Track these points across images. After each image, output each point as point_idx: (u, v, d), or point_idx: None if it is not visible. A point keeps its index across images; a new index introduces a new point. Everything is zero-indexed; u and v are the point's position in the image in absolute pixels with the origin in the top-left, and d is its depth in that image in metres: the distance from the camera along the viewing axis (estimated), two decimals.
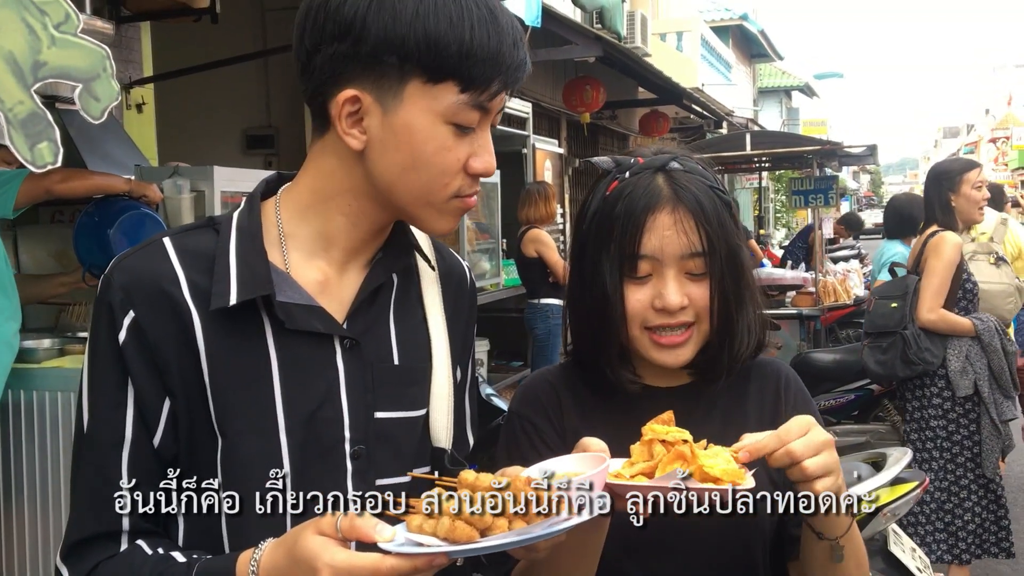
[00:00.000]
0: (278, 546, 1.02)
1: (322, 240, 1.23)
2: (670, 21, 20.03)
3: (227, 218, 1.24)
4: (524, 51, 1.18)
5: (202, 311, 1.16)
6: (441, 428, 1.30)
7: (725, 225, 1.37)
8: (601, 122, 13.28)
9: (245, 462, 1.16)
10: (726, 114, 16.45)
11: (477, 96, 1.14)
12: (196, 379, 1.16)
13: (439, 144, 1.14)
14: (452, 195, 1.18)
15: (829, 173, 9.98)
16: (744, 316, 1.40)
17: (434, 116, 1.14)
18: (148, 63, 6.14)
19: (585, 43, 8.81)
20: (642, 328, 1.38)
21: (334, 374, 1.20)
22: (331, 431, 1.19)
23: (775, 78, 35.36)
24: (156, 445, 1.17)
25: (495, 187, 7.54)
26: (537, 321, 6.92)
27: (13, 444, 3.74)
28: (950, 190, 4.65)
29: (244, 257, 1.18)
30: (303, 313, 1.18)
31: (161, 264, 1.18)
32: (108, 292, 1.17)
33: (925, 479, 3.21)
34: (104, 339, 1.17)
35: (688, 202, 1.35)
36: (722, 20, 26.45)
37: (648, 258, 1.35)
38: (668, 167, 1.39)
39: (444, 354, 1.32)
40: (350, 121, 1.16)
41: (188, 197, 4.18)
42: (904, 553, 3.23)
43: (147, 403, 1.16)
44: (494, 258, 7.75)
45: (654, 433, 1.18)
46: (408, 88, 1.13)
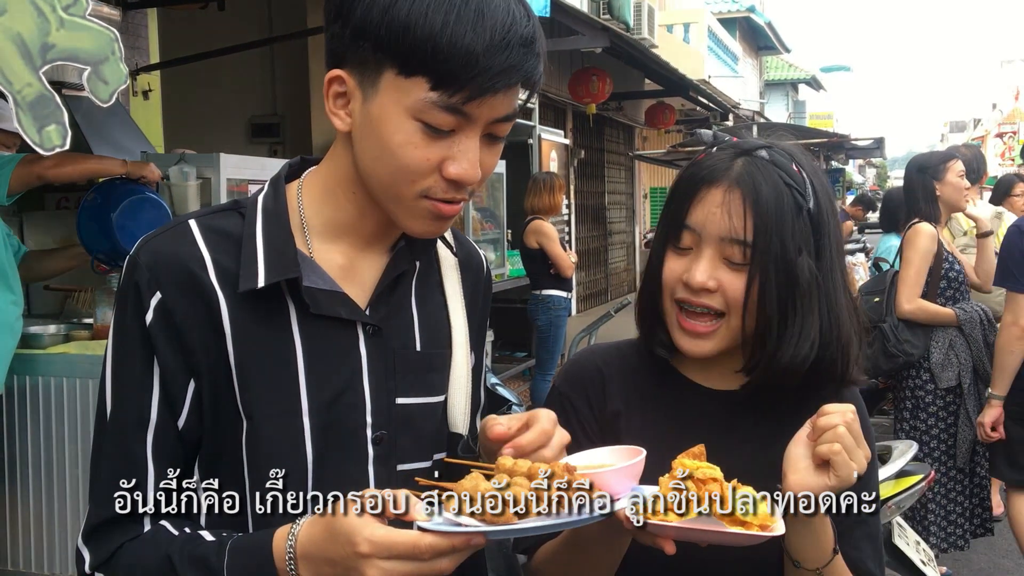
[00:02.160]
0: (316, 522, 1.02)
1: (337, 227, 1.23)
2: (677, 12, 19.97)
3: (252, 201, 1.24)
4: (524, 57, 1.09)
5: (228, 293, 1.16)
6: (459, 413, 1.30)
7: (784, 224, 1.29)
8: (607, 113, 13.27)
9: (269, 444, 1.16)
10: (732, 106, 16.41)
11: (447, 97, 1.07)
12: (222, 361, 1.16)
13: (405, 139, 1.10)
14: (419, 194, 1.13)
15: (836, 166, 9.95)
16: (792, 326, 1.30)
17: (403, 110, 1.09)
18: (155, 50, 6.14)
19: (592, 34, 8.78)
20: (672, 301, 1.35)
21: (357, 360, 1.20)
22: (353, 416, 1.19)
23: (782, 71, 35.25)
24: (180, 427, 1.17)
25: (500, 177, 7.53)
26: (539, 313, 6.91)
27: (19, 429, 3.75)
28: (935, 178, 4.68)
29: (271, 240, 1.18)
30: (327, 298, 1.18)
31: (188, 246, 1.17)
32: (135, 272, 1.16)
33: (931, 472, 3.20)
34: (130, 320, 1.16)
35: (745, 186, 1.29)
36: (729, 12, 26.35)
37: (690, 230, 1.32)
38: (754, 152, 1.34)
39: (463, 340, 1.32)
40: (338, 102, 1.15)
41: (194, 184, 4.18)
42: (908, 546, 3.23)
43: (173, 384, 1.16)
44: (499, 248, 7.74)
45: (684, 468, 1.14)
46: (383, 77, 1.10)
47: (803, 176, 1.33)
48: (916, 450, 3.19)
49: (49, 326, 4.19)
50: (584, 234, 13.36)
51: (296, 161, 1.30)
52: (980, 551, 5.12)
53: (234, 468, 1.17)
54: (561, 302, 6.92)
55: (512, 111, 1.13)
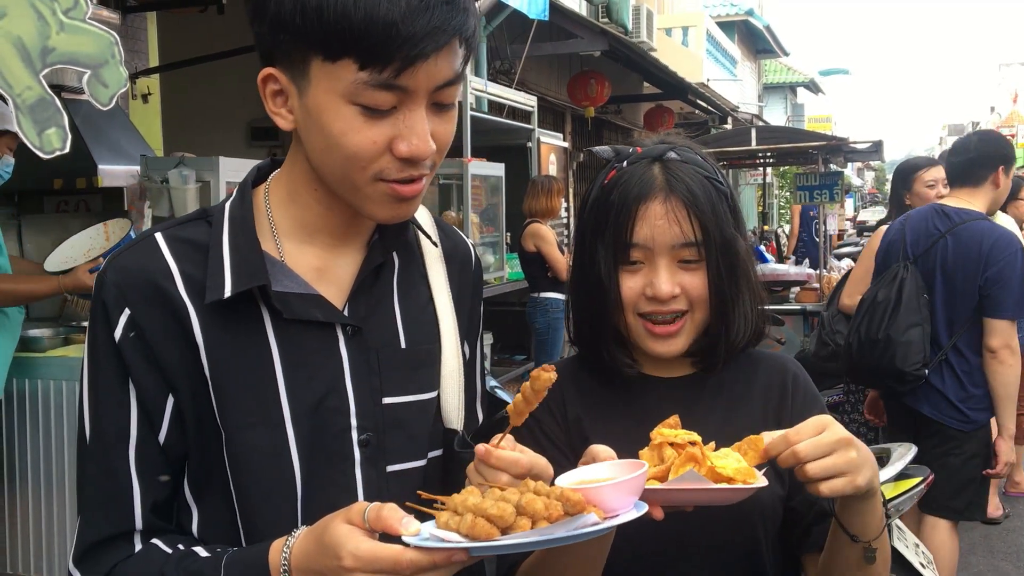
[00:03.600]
0: (309, 533, 1.01)
1: (307, 227, 1.20)
2: (676, 16, 19.99)
3: (219, 209, 1.21)
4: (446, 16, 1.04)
5: (198, 305, 1.13)
6: (452, 409, 1.29)
7: (719, 214, 1.37)
8: (606, 116, 13.27)
9: (252, 455, 1.13)
10: (731, 109, 16.43)
11: (377, 73, 1.03)
12: (198, 373, 1.13)
13: (346, 125, 1.06)
14: (374, 178, 1.10)
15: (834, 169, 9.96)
16: (740, 305, 1.40)
17: (337, 97, 1.06)
18: (154, 54, 6.14)
19: (591, 37, 8.80)
20: (635, 315, 1.39)
21: (338, 362, 1.18)
22: (337, 419, 1.17)
23: (780, 74, 35.28)
24: (162, 442, 1.15)
25: (499, 180, 7.52)
26: (537, 316, 6.92)
27: (18, 432, 3.75)
28: (905, 188, 4.93)
29: (237, 247, 1.15)
30: (301, 302, 1.16)
31: (154, 259, 1.15)
32: (102, 291, 1.15)
33: (929, 475, 3.20)
34: (101, 338, 1.14)
35: (681, 192, 1.36)
36: (728, 15, 26.38)
37: (640, 247, 1.36)
38: (665, 157, 1.40)
39: (452, 333, 1.30)
40: (277, 100, 1.12)
41: (193, 187, 4.19)
42: (907, 548, 3.23)
43: (150, 400, 1.14)
44: (498, 251, 7.73)
45: (663, 437, 1.18)
46: (311, 67, 1.06)
47: (711, 165, 1.42)
48: (915, 452, 3.18)
49: (48, 330, 4.19)
50: None
51: (265, 163, 1.28)
52: (979, 554, 5.12)
53: (220, 483, 1.15)
54: (559, 305, 6.92)
55: (454, 74, 1.08)
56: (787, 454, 1.14)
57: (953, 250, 3.65)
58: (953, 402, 3.67)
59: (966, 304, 3.63)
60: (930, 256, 3.70)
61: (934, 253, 3.69)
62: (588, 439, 1.39)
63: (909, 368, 3.60)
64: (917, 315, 3.62)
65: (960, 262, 3.63)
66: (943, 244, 3.67)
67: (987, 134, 3.96)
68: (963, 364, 3.65)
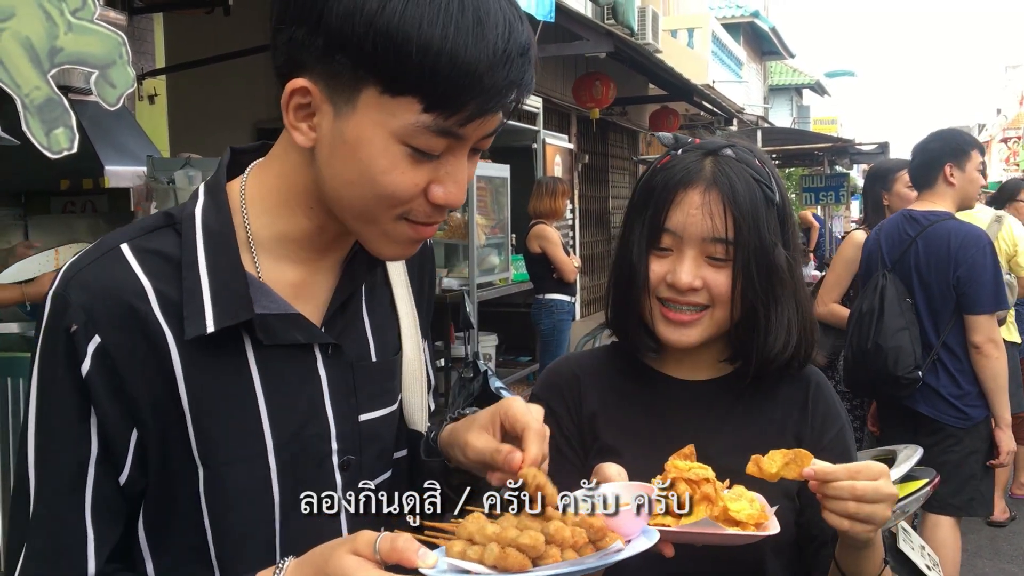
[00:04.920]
0: (303, 565, 0.92)
1: (289, 242, 1.10)
2: (681, 18, 19.97)
3: (189, 216, 1.07)
4: (522, 69, 0.97)
5: (176, 331, 1.02)
6: (416, 410, 1.24)
7: (760, 218, 1.34)
8: (611, 118, 13.26)
9: (233, 491, 1.05)
10: (736, 111, 16.41)
11: (442, 120, 0.95)
12: (172, 406, 1.02)
13: (389, 165, 0.97)
14: (398, 216, 1.02)
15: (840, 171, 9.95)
16: (778, 315, 1.36)
17: (387, 133, 0.96)
18: (160, 55, 6.16)
19: (596, 39, 8.79)
20: (655, 298, 1.38)
21: (316, 383, 1.10)
22: (318, 445, 1.10)
23: (786, 76, 35.22)
24: (122, 482, 1.03)
25: (504, 182, 7.53)
26: (542, 317, 6.92)
27: (12, 432, 3.75)
28: (883, 189, 4.91)
29: (217, 270, 1.04)
30: (282, 324, 1.07)
31: (124, 276, 1.02)
32: (66, 314, 1.00)
33: (936, 476, 3.19)
34: (61, 373, 1.00)
35: (722, 186, 1.34)
36: (733, 17, 26.35)
37: (671, 233, 1.36)
38: (720, 152, 1.38)
39: (413, 334, 1.24)
40: (299, 114, 1.01)
41: None
42: (913, 551, 3.22)
43: (113, 437, 1.02)
44: (503, 253, 7.74)
45: (677, 471, 1.16)
46: (363, 96, 0.96)
47: (767, 171, 1.39)
48: (921, 454, 3.17)
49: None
50: (588, 239, 13.35)
51: (227, 158, 1.14)
52: (985, 556, 5.11)
53: (190, 518, 1.05)
54: (564, 306, 6.92)
55: (501, 123, 1.02)
56: (846, 486, 1.13)
57: (924, 253, 3.69)
58: (949, 400, 3.69)
59: (946, 304, 3.66)
60: (905, 261, 3.75)
61: (908, 258, 3.74)
62: (599, 436, 1.40)
63: (902, 372, 3.62)
64: (902, 319, 3.65)
65: (932, 264, 3.67)
66: (915, 249, 3.72)
67: (937, 133, 3.97)
68: (955, 363, 3.68)
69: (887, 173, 4.96)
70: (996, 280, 3.62)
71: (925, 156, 3.85)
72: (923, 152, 3.87)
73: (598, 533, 0.94)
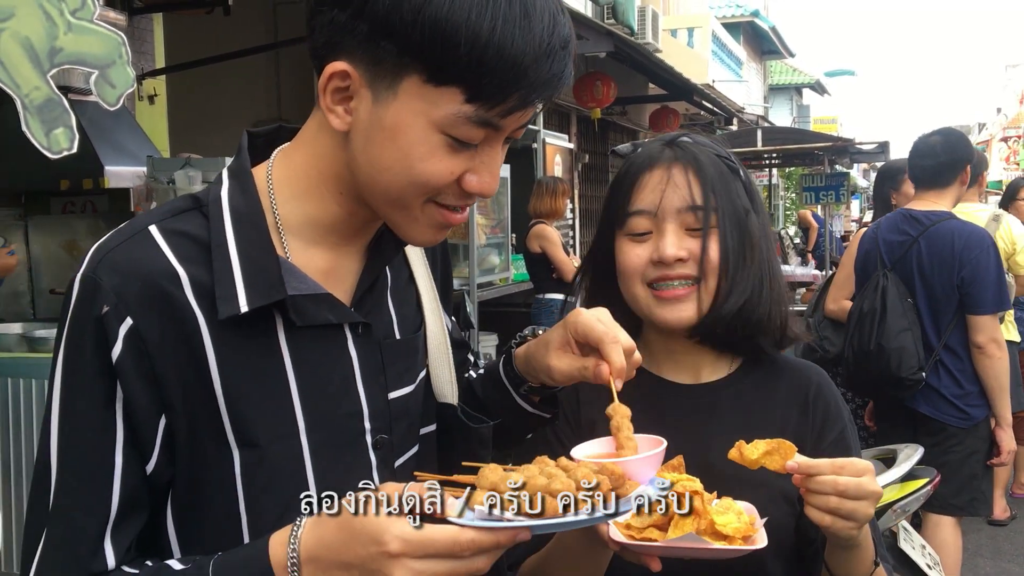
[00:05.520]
0: (324, 522, 0.91)
1: (318, 227, 1.10)
2: (681, 17, 19.97)
3: (215, 199, 1.07)
4: (564, 62, 0.98)
5: (208, 314, 1.01)
6: (445, 383, 1.23)
7: (729, 185, 1.37)
8: (611, 118, 13.26)
9: (270, 472, 1.04)
10: (736, 111, 16.40)
11: (485, 110, 0.96)
12: (203, 389, 1.01)
13: (428, 152, 0.98)
14: (428, 200, 1.03)
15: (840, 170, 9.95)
16: (742, 274, 1.36)
17: (427, 122, 0.97)
18: (160, 55, 6.16)
19: (596, 38, 8.78)
20: (643, 284, 1.39)
21: (348, 363, 1.10)
22: (352, 425, 1.10)
23: (786, 75, 35.22)
24: (149, 471, 1.02)
25: (504, 182, 7.53)
26: (542, 317, 6.91)
27: (24, 433, 3.76)
28: (892, 188, 4.98)
29: (248, 251, 1.03)
30: (313, 305, 1.06)
31: (155, 258, 1.01)
32: (96, 297, 0.99)
33: (936, 476, 3.19)
34: (90, 357, 0.99)
35: (685, 159, 1.37)
36: (733, 17, 26.35)
37: (645, 213, 1.37)
38: (678, 140, 1.42)
39: (434, 308, 1.25)
40: (336, 97, 1.00)
41: (200, 188, 4.20)
42: (914, 550, 3.22)
43: (141, 424, 1.00)
44: (503, 252, 7.74)
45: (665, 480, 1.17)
46: (405, 83, 0.96)
47: (726, 151, 1.43)
48: (922, 453, 3.17)
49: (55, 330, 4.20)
50: (588, 238, 13.34)
51: (245, 142, 1.13)
52: (986, 555, 5.11)
53: (223, 506, 1.04)
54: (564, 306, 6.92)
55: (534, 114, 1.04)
56: (829, 480, 1.12)
57: (927, 253, 3.69)
58: (951, 400, 3.69)
59: (948, 304, 3.66)
60: (906, 261, 3.74)
61: (909, 258, 3.73)
62: None
63: (906, 374, 3.62)
64: (904, 320, 3.65)
65: (935, 264, 3.67)
66: (917, 249, 3.71)
67: (950, 135, 3.96)
68: (957, 363, 3.68)
69: (896, 173, 4.99)
70: (1000, 280, 3.62)
71: (944, 158, 3.79)
72: (941, 154, 3.80)
73: (619, 480, 0.97)
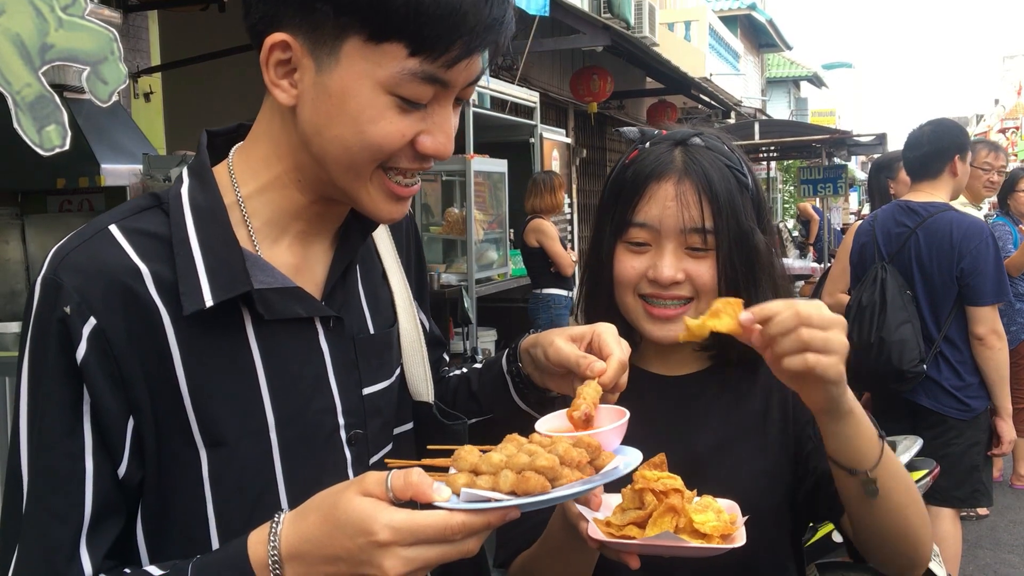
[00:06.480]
0: (304, 515, 0.89)
1: (283, 216, 1.08)
2: (678, 11, 19.95)
3: (175, 195, 1.05)
4: (504, 7, 0.97)
5: (172, 309, 0.99)
6: (419, 380, 1.22)
7: (736, 205, 1.33)
8: (609, 112, 13.25)
9: (239, 471, 1.02)
10: (734, 104, 16.39)
11: (430, 63, 0.94)
12: (168, 388, 0.99)
13: (376, 115, 0.96)
14: (378, 166, 1.01)
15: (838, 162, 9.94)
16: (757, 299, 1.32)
17: (373, 83, 0.95)
18: (156, 52, 6.14)
19: (593, 32, 8.78)
20: (636, 295, 1.37)
21: (320, 358, 1.08)
22: (325, 421, 1.08)
23: (783, 68, 35.18)
24: (121, 474, 0.99)
25: (502, 176, 7.51)
26: (540, 311, 6.92)
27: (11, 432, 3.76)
28: (889, 177, 5.00)
29: (210, 246, 1.01)
30: (281, 299, 1.04)
31: (116, 256, 0.99)
32: (59, 298, 0.96)
33: (936, 467, 3.19)
34: (53, 358, 0.96)
35: (696, 176, 1.32)
36: (730, 9, 26.30)
37: (647, 227, 1.34)
38: (688, 141, 1.37)
39: (407, 305, 1.24)
40: (279, 71, 0.99)
41: None
42: None
43: (109, 426, 0.98)
44: (501, 248, 7.73)
45: (645, 481, 1.15)
46: (346, 46, 0.95)
47: (737, 157, 1.37)
48: (921, 445, 3.17)
49: None
50: (586, 233, 13.35)
51: (205, 140, 1.12)
52: (985, 546, 5.11)
53: (192, 509, 1.02)
54: (562, 301, 6.92)
55: (482, 70, 1.02)
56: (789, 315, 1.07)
57: (925, 245, 3.68)
58: (951, 392, 3.68)
59: (947, 296, 3.65)
60: (904, 253, 3.73)
61: (907, 250, 3.72)
62: None
63: (907, 366, 3.61)
64: (904, 312, 3.64)
65: (934, 256, 3.66)
66: (915, 240, 3.70)
67: (939, 124, 3.94)
68: (956, 355, 3.67)
69: (891, 162, 5.05)
70: (999, 271, 3.61)
71: (928, 148, 3.80)
72: (927, 144, 3.82)
73: (596, 452, 0.97)
